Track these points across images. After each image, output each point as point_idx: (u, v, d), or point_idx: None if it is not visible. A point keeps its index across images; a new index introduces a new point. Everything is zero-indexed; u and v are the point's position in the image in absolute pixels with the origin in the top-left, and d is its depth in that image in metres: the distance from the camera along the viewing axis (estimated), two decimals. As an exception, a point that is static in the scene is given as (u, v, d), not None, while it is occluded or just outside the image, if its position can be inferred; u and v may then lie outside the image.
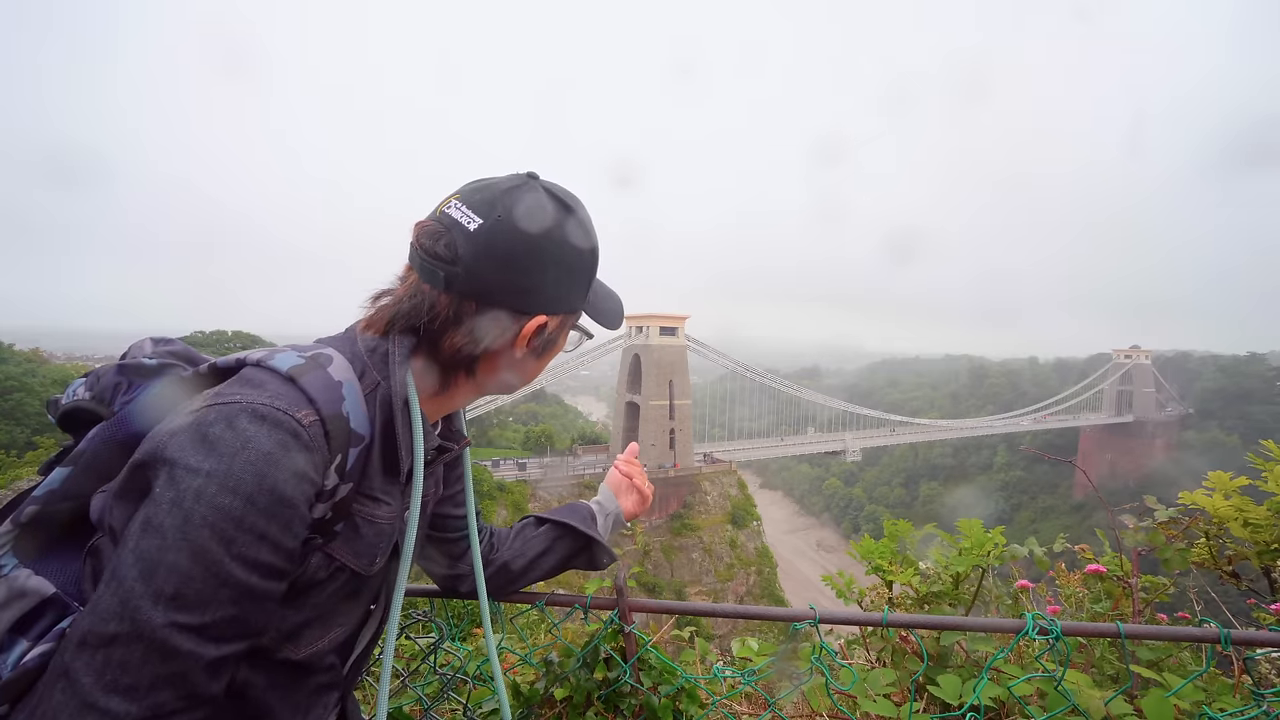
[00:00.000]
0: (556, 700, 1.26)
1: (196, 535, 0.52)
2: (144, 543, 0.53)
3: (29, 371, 31.02)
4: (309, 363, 0.64)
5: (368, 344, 0.71)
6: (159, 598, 0.52)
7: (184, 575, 0.52)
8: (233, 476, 0.54)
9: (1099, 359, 79.56)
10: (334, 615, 0.71)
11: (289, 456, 0.57)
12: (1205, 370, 75.09)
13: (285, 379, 0.61)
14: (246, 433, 0.56)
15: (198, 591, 0.53)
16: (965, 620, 1.08)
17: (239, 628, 0.56)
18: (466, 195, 0.70)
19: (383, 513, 0.71)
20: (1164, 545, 1.42)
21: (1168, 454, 66.03)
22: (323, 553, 0.65)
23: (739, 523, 41.49)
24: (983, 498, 59.96)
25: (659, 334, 44.70)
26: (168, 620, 0.52)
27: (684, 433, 44.65)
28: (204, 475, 0.53)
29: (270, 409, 0.58)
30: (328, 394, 0.63)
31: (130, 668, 0.51)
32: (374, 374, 0.69)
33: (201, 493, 0.53)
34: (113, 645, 0.51)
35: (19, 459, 23.15)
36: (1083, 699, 0.99)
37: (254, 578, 0.55)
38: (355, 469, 0.66)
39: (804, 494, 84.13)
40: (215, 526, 0.53)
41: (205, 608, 0.53)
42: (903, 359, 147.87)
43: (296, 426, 0.58)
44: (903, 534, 1.57)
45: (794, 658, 1.29)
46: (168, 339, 0.82)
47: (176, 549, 0.52)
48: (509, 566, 1.04)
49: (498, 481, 35.30)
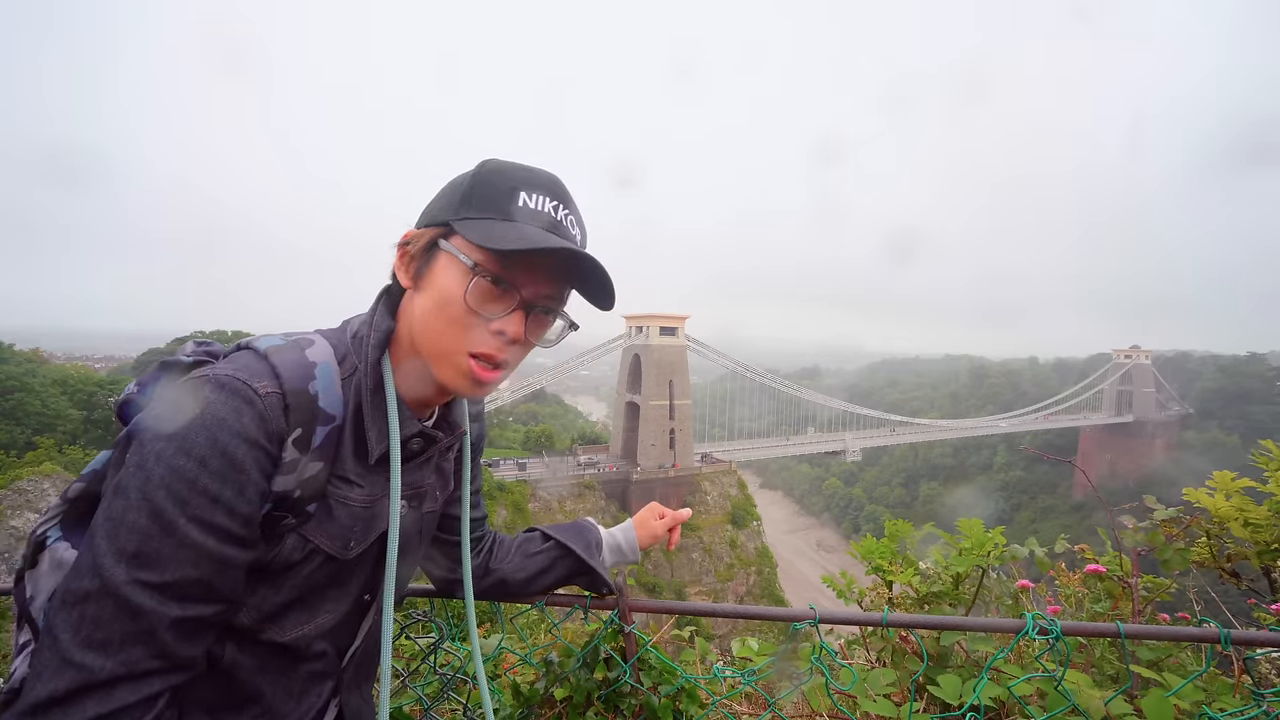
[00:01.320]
0: (556, 700, 1.26)
1: (154, 495, 0.56)
2: (113, 504, 0.57)
3: (29, 371, 31.03)
4: (288, 344, 0.68)
5: (353, 329, 0.74)
6: (121, 555, 0.55)
7: (143, 534, 0.56)
8: (188, 440, 0.57)
9: (1099, 359, 79.57)
10: (318, 600, 0.72)
11: (239, 421, 0.59)
12: (1205, 370, 75.07)
13: (260, 355, 0.65)
14: (205, 398, 0.60)
15: (156, 550, 0.56)
16: (965, 620, 1.08)
17: (201, 590, 0.59)
18: None
19: (355, 495, 0.71)
20: (1164, 545, 1.42)
21: (1168, 454, 66.02)
22: (297, 534, 0.67)
23: (739, 523, 41.48)
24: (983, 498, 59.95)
25: (659, 334, 44.68)
26: (130, 577, 0.55)
27: (684, 433, 44.63)
28: (165, 439, 0.58)
29: (230, 378, 0.61)
30: (296, 370, 0.65)
31: (102, 623, 0.54)
32: (354, 358, 0.71)
33: (161, 455, 0.57)
34: (85, 602, 0.54)
35: (19, 459, 23.16)
36: (1083, 699, 0.99)
37: (210, 540, 0.58)
38: (326, 449, 0.67)
39: (804, 494, 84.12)
40: (170, 487, 0.56)
41: (164, 566, 0.56)
42: (903, 359, 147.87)
43: (251, 394, 0.61)
44: (903, 534, 1.57)
45: (794, 658, 1.29)
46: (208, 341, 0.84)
47: (137, 508, 0.56)
48: (507, 581, 1.05)
49: (498, 481, 35.28)
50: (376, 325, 0.72)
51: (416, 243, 0.71)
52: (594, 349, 49.59)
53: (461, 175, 0.72)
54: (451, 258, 0.68)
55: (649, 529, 1.14)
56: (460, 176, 0.72)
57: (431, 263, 0.70)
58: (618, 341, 47.93)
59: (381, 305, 0.74)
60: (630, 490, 40.65)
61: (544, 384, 52.40)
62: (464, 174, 0.72)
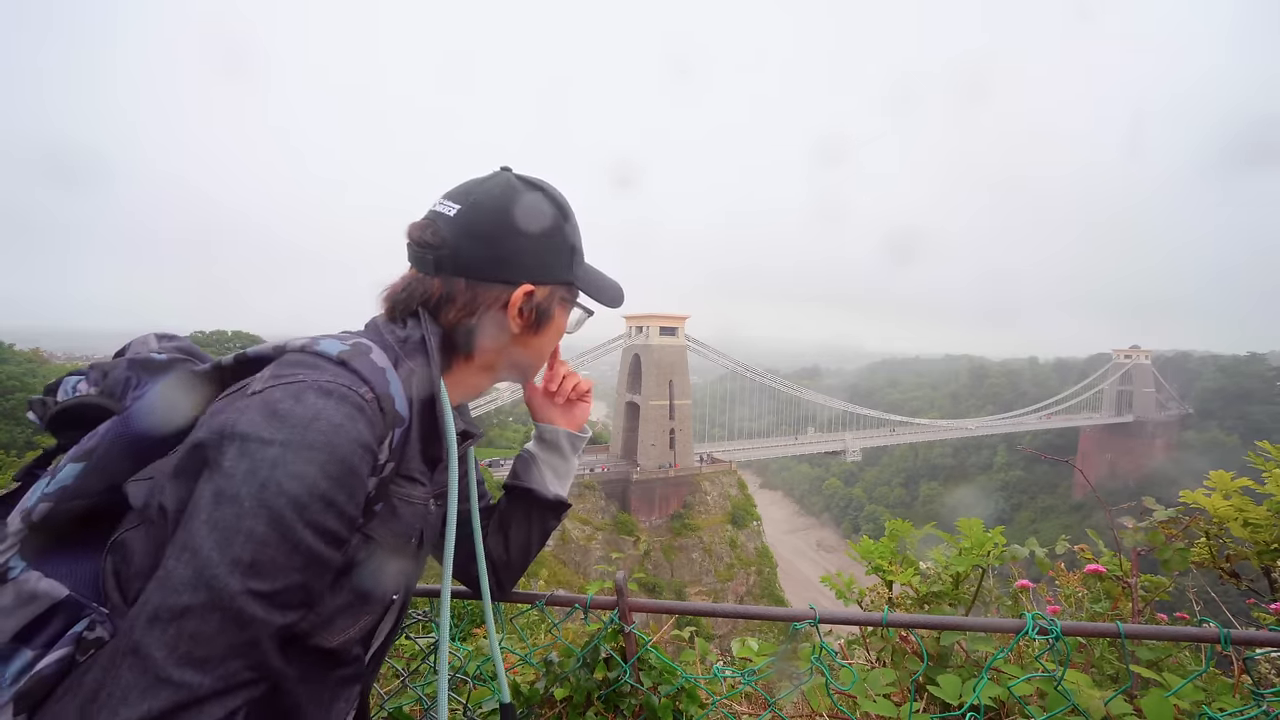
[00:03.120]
0: (556, 700, 1.26)
1: (274, 502, 0.54)
2: (219, 512, 0.54)
3: (29, 371, 31.01)
4: (354, 349, 0.68)
5: (398, 335, 0.75)
6: (236, 565, 0.53)
7: (261, 542, 0.54)
8: (306, 446, 0.56)
9: (1099, 359, 79.58)
10: (363, 602, 0.71)
11: (355, 428, 0.60)
12: (1205, 370, 75.08)
13: (337, 362, 0.65)
14: (316, 406, 0.59)
15: (272, 558, 0.54)
16: (965, 620, 1.08)
17: (302, 595, 0.58)
18: (448, 192, 0.79)
19: (418, 493, 0.74)
20: (1163, 545, 1.42)
21: (1168, 454, 66.03)
22: (361, 533, 0.67)
23: (739, 523, 41.49)
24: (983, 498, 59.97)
25: (659, 334, 44.70)
26: (244, 587, 0.53)
27: (684, 433, 44.64)
28: (279, 445, 0.56)
29: (335, 385, 0.61)
30: (377, 375, 0.66)
31: (203, 639, 0.52)
32: (408, 362, 0.73)
33: (278, 461, 0.55)
34: (186, 617, 0.51)
35: (19, 459, 23.15)
36: (1083, 699, 0.99)
37: (321, 545, 0.58)
38: (398, 450, 0.69)
39: (804, 494, 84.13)
40: (291, 494, 0.55)
41: (278, 574, 0.55)
42: (903, 359, 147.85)
43: (361, 401, 0.62)
44: (902, 534, 1.57)
45: (794, 658, 1.29)
46: (172, 335, 0.83)
47: (254, 516, 0.53)
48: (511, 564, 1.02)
49: (498, 481, 35.24)
50: (433, 332, 0.76)
51: (545, 300, 0.80)
52: (594, 349, 49.59)
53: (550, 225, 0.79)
54: (568, 307, 0.85)
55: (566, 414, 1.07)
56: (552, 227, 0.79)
57: (552, 313, 0.82)
58: (618, 341, 47.94)
59: (428, 316, 0.77)
60: (630, 490, 40.66)
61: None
62: (551, 221, 0.79)
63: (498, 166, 0.82)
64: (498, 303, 0.77)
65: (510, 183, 0.78)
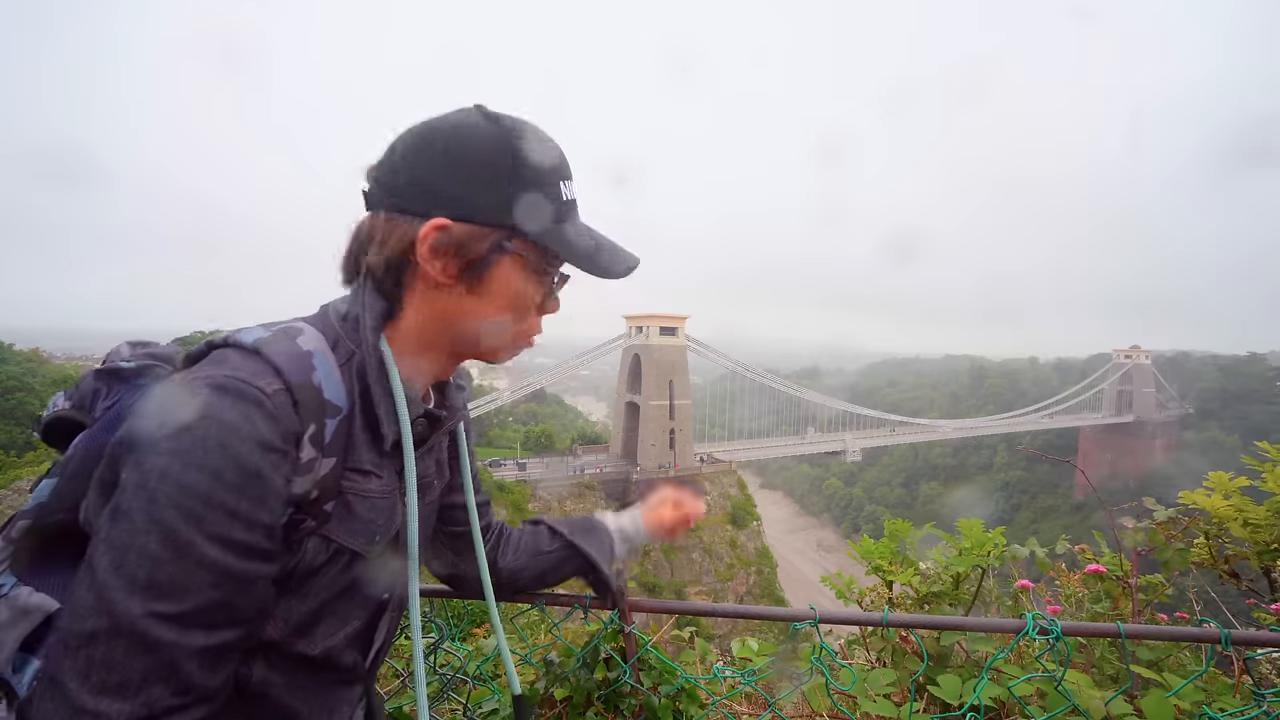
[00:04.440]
0: (556, 700, 1.26)
1: (164, 516, 0.50)
2: (113, 531, 0.50)
3: (29, 371, 31.02)
4: (275, 335, 0.61)
5: (338, 312, 0.68)
6: (133, 586, 0.49)
7: (155, 560, 0.49)
8: (196, 451, 0.51)
9: (1099, 359, 79.54)
10: (345, 606, 0.67)
11: (252, 427, 0.53)
12: (1205, 370, 75.13)
13: (250, 352, 0.58)
14: (207, 406, 0.53)
15: (172, 576, 0.50)
16: (965, 620, 1.08)
17: (225, 614, 0.53)
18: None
19: (374, 486, 0.66)
20: (1163, 545, 1.42)
21: (1168, 454, 66.03)
22: (318, 536, 0.62)
23: (739, 523, 41.49)
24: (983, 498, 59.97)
25: (659, 334, 44.71)
26: (145, 610, 0.49)
27: (684, 433, 44.65)
28: (166, 454, 0.51)
29: (230, 380, 0.54)
30: (295, 363, 0.59)
31: (115, 665, 0.48)
32: (347, 343, 0.65)
33: (165, 472, 0.50)
34: (93, 643, 0.48)
35: (19, 459, 23.17)
36: (1083, 699, 0.99)
37: (230, 558, 0.52)
38: (336, 442, 0.62)
39: (804, 494, 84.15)
40: (182, 505, 0.50)
41: (183, 594, 0.50)
42: (903, 359, 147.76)
43: (259, 395, 0.54)
44: (902, 534, 1.57)
45: (794, 658, 1.29)
46: (145, 341, 0.79)
47: (145, 532, 0.49)
48: (515, 578, 1.01)
49: (498, 481, 35.28)
50: (370, 305, 0.66)
51: (472, 245, 0.63)
52: (594, 349, 49.59)
53: (489, 146, 0.62)
54: (519, 262, 0.66)
55: (659, 518, 1.05)
56: (492, 150, 0.62)
57: (493, 267, 0.65)
58: (618, 341, 47.93)
59: (369, 285, 0.67)
60: (630, 490, 40.62)
61: (544, 384, 52.38)
62: (487, 145, 0.62)
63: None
64: (405, 239, 0.63)
65: (468, 111, 0.65)
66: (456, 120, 0.64)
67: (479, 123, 0.64)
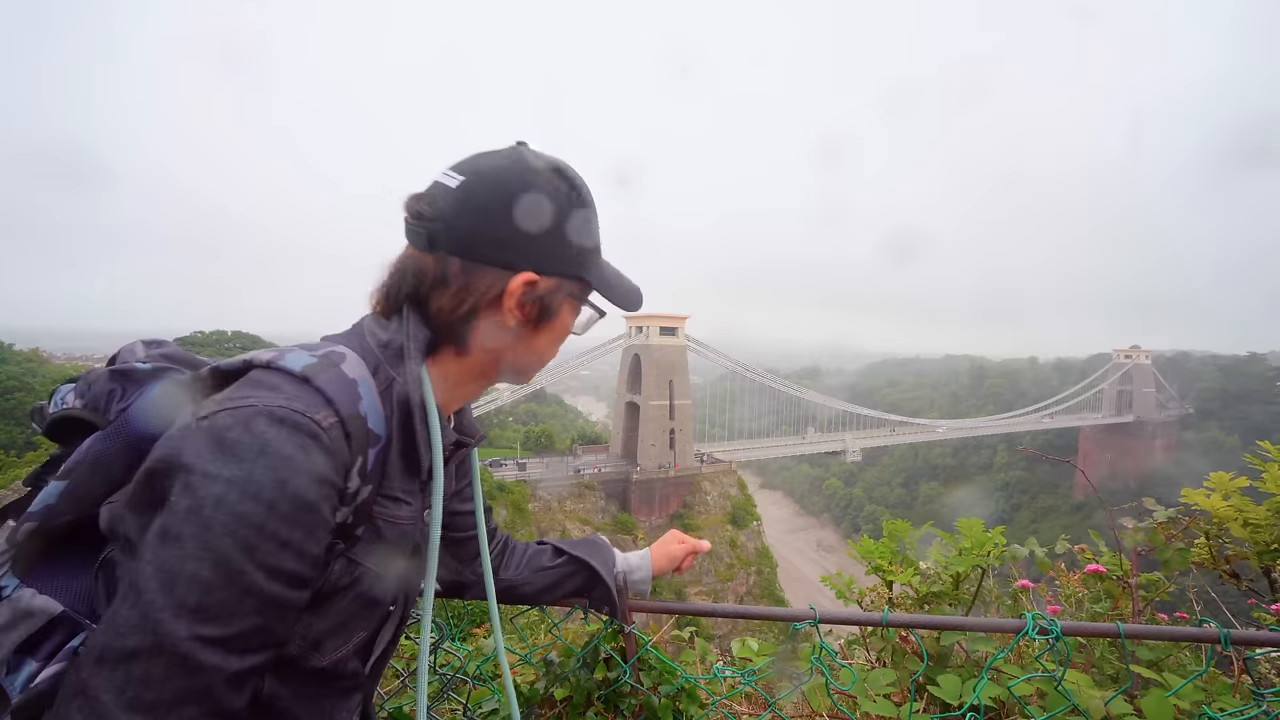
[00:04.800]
0: (556, 700, 1.26)
1: (218, 544, 0.51)
2: (163, 553, 0.51)
3: (29, 371, 31.02)
4: (322, 362, 0.62)
5: (379, 339, 0.69)
6: (181, 610, 0.50)
7: (206, 586, 0.50)
8: (253, 482, 0.52)
9: (1099, 359, 79.56)
10: (357, 620, 0.69)
11: (310, 460, 0.55)
12: (1205, 370, 75.13)
13: (299, 380, 0.59)
14: (265, 436, 0.54)
15: (221, 602, 0.51)
16: (965, 620, 1.08)
17: (263, 638, 0.55)
18: (455, 163, 0.70)
19: (404, 513, 0.69)
20: (1163, 545, 1.42)
21: (1168, 454, 66.04)
22: (345, 558, 0.63)
23: (739, 523, 41.51)
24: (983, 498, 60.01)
25: (659, 334, 44.70)
26: (191, 633, 0.50)
27: (684, 433, 44.64)
28: (223, 481, 0.52)
29: (288, 411, 0.55)
30: (345, 393, 0.60)
31: (152, 683, 0.49)
32: (387, 370, 0.67)
33: (222, 500, 0.51)
34: (133, 660, 0.49)
35: (19, 459, 23.16)
36: (1083, 699, 0.99)
37: (277, 586, 0.54)
38: (375, 470, 0.64)
39: (804, 494, 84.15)
40: (237, 534, 0.51)
41: (230, 619, 0.51)
42: (903, 359, 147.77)
43: (316, 429, 0.56)
44: (902, 534, 1.57)
45: (794, 658, 1.29)
46: (159, 341, 0.79)
47: (197, 559, 0.50)
48: (515, 589, 1.05)
49: (498, 481, 35.25)
50: (415, 336, 0.68)
51: (550, 295, 0.70)
52: (594, 349, 49.60)
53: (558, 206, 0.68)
54: (576, 304, 0.74)
55: (666, 551, 1.13)
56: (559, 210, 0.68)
57: (559, 310, 0.72)
58: (618, 341, 47.94)
59: (412, 313, 0.69)
60: (630, 490, 40.66)
61: (544, 384, 52.42)
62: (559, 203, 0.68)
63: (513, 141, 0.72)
64: (494, 290, 0.67)
65: (522, 157, 0.69)
66: (526, 175, 0.68)
67: (549, 178, 0.69)
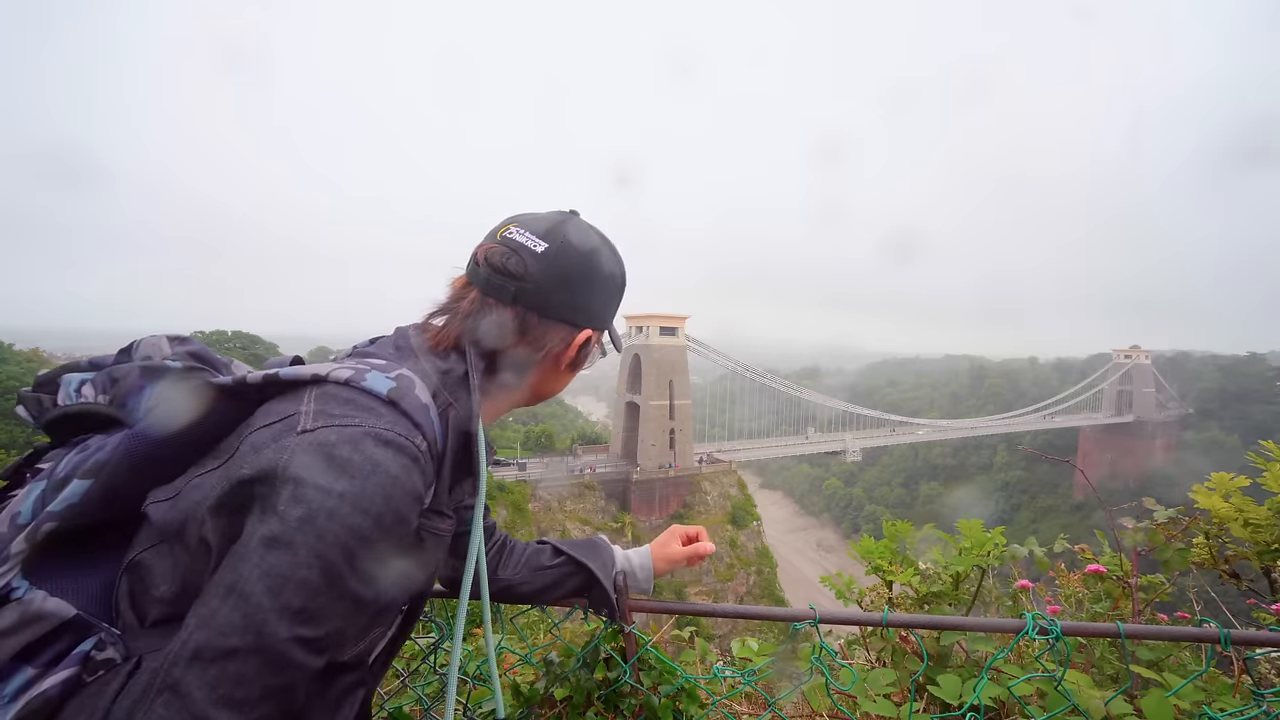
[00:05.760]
0: (556, 700, 1.26)
1: (329, 553, 0.55)
2: (272, 557, 0.54)
3: (29, 371, 30.97)
4: (401, 385, 0.66)
5: (439, 366, 0.75)
6: (285, 612, 0.53)
7: (313, 591, 0.54)
8: (364, 498, 0.57)
9: (1099, 359, 79.55)
10: (380, 619, 0.73)
11: (411, 480, 0.61)
12: (1205, 370, 75.10)
13: (388, 403, 0.64)
14: (375, 457, 0.59)
15: (321, 607, 0.55)
16: (965, 620, 1.08)
17: (338, 639, 0.60)
18: (526, 223, 0.79)
19: (445, 526, 0.74)
20: (1164, 545, 1.42)
21: (1168, 454, 66.02)
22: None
23: (739, 523, 41.49)
24: (983, 498, 59.99)
25: (659, 334, 44.69)
26: (292, 634, 0.54)
27: (684, 433, 44.63)
28: (337, 496, 0.56)
29: (393, 435, 0.61)
30: (425, 417, 0.66)
31: (245, 681, 0.52)
32: (445, 395, 0.73)
33: (335, 512, 0.55)
34: (230, 659, 0.52)
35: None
36: (1083, 699, 0.99)
37: (366, 591, 0.59)
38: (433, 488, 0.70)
39: (804, 494, 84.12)
40: (346, 546, 0.56)
41: (323, 622, 0.56)
42: (903, 359, 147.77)
43: (416, 452, 0.62)
44: (902, 534, 1.57)
45: (794, 658, 1.29)
46: (184, 338, 0.80)
47: (308, 566, 0.54)
48: (513, 589, 1.06)
49: (498, 481, 35.22)
50: (477, 368, 0.76)
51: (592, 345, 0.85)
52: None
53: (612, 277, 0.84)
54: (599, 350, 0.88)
55: (666, 551, 1.13)
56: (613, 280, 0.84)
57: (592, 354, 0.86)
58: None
59: (474, 351, 0.77)
60: (630, 490, 40.65)
61: (544, 384, 52.20)
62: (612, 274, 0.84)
63: (565, 209, 0.85)
64: (561, 343, 0.80)
65: (589, 232, 0.82)
66: (595, 252, 0.81)
67: (608, 255, 0.83)
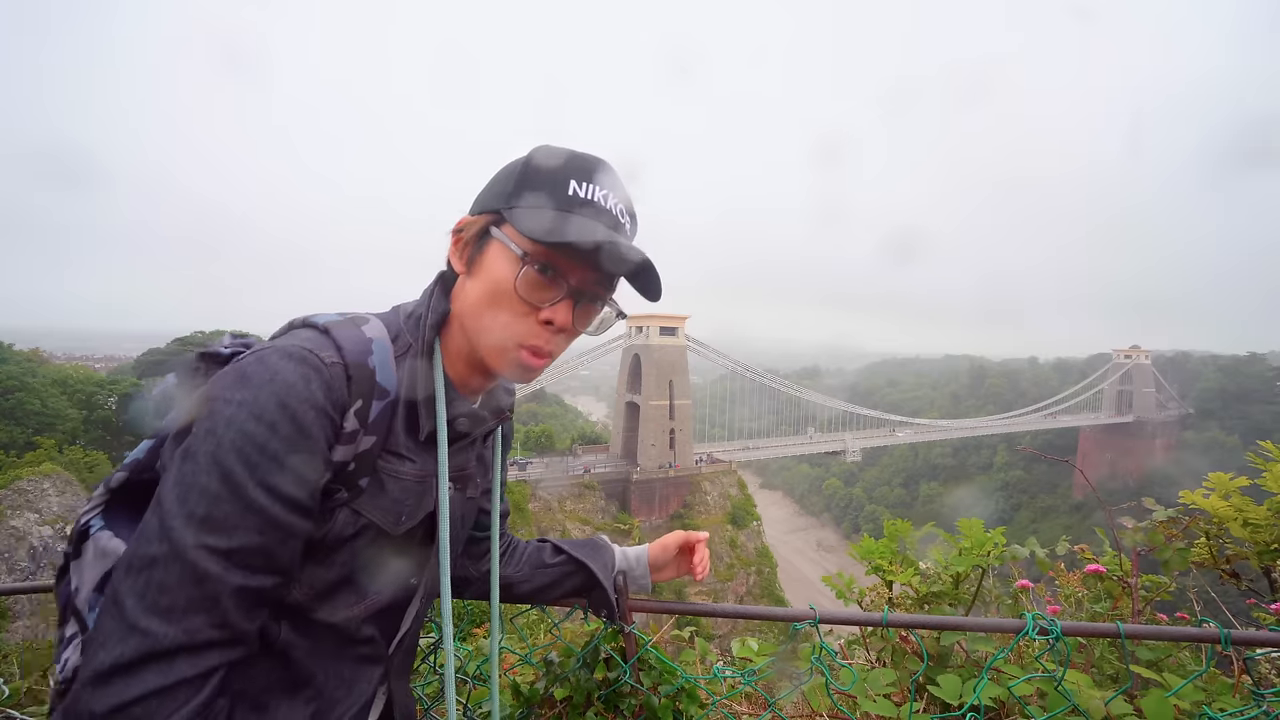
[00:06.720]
0: (556, 700, 1.26)
1: (224, 458, 0.57)
2: (182, 469, 0.57)
3: (29, 371, 30.97)
4: (345, 321, 0.70)
5: (406, 311, 0.75)
6: (190, 519, 0.55)
7: (213, 497, 0.56)
8: (259, 404, 0.58)
9: (1099, 359, 79.57)
10: (366, 580, 0.72)
11: (308, 388, 0.61)
12: (1205, 370, 75.05)
13: (320, 330, 0.67)
14: (275, 367, 0.61)
15: (225, 515, 0.56)
16: (965, 620, 1.08)
17: (263, 559, 0.59)
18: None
19: (407, 469, 0.72)
20: (1164, 545, 1.42)
21: (1168, 454, 66.01)
22: (349, 509, 0.68)
23: (739, 523, 41.48)
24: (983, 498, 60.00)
25: (659, 334, 44.67)
26: (198, 541, 0.55)
27: (684, 433, 44.62)
28: (235, 404, 0.58)
29: (298, 349, 0.63)
30: (355, 345, 0.67)
31: (168, 589, 0.54)
32: (408, 337, 0.73)
33: (232, 420, 0.58)
34: (153, 567, 0.55)
35: (19, 459, 23.12)
36: (1083, 699, 0.99)
37: (276, 507, 0.59)
38: (380, 423, 0.69)
39: (804, 494, 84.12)
40: (241, 451, 0.57)
41: (231, 532, 0.57)
42: (903, 359, 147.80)
43: (319, 363, 0.63)
44: (902, 534, 1.57)
45: (794, 658, 1.29)
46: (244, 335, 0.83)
47: (208, 472, 0.56)
48: (514, 588, 1.06)
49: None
50: (434, 307, 0.74)
51: (469, 229, 0.73)
52: (594, 349, 49.54)
53: (515, 161, 0.73)
54: (502, 246, 0.70)
55: (663, 545, 1.12)
56: (514, 163, 0.73)
57: (484, 250, 0.72)
58: (618, 341, 47.91)
59: (438, 289, 0.76)
60: (630, 490, 40.65)
61: (544, 384, 52.39)
62: (517, 160, 0.73)
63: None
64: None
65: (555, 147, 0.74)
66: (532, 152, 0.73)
67: (554, 146, 0.73)
